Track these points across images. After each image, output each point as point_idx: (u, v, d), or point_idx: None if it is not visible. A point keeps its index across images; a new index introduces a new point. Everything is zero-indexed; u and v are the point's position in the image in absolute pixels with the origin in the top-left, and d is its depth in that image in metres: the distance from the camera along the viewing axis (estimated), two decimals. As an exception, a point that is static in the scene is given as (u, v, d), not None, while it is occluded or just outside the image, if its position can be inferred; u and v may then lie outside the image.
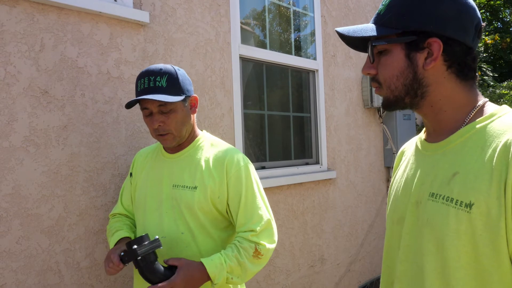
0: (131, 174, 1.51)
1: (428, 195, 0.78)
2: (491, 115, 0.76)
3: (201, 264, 1.21)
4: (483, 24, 0.80)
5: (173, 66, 1.34)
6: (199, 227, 1.32)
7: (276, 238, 1.34)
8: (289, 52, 2.75)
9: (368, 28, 0.82)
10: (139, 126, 1.78)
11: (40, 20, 1.49)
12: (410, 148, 0.95)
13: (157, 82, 1.27)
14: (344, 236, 3.02)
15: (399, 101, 0.83)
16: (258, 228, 1.28)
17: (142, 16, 1.76)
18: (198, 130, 1.45)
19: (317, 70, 2.83)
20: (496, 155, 0.69)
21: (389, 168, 3.53)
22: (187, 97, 1.34)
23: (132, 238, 1.40)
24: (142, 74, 1.31)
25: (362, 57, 3.27)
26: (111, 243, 1.40)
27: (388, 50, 0.81)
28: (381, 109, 3.41)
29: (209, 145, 1.40)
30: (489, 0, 8.78)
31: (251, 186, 1.33)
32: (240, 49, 2.26)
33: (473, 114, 0.79)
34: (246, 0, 2.45)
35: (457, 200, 0.72)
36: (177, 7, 1.95)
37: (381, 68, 0.83)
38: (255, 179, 1.36)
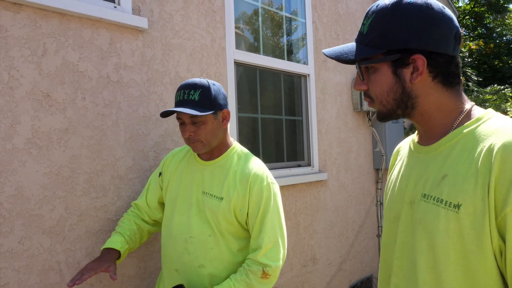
0: (160, 174, 1.61)
1: (421, 196, 0.84)
2: (478, 119, 0.82)
3: None
4: (462, 30, 0.85)
5: (209, 81, 1.44)
6: (221, 234, 1.43)
7: (282, 256, 1.41)
8: (282, 57, 2.82)
9: (354, 49, 0.87)
10: (137, 129, 1.82)
11: (42, 26, 1.53)
12: (404, 147, 1.01)
13: (191, 96, 1.39)
14: (335, 237, 3.10)
15: (392, 113, 0.88)
16: (264, 245, 1.37)
17: (141, 22, 1.81)
18: (230, 141, 1.55)
19: (308, 75, 2.91)
20: (481, 158, 0.75)
21: (378, 170, 3.62)
22: (218, 111, 1.43)
23: (124, 249, 1.51)
24: (180, 87, 1.44)
25: (352, 62, 3.35)
26: (106, 243, 1.51)
27: (375, 68, 0.86)
28: (375, 118, 3.50)
29: (239, 158, 1.49)
30: (474, 7, 9.01)
31: (268, 205, 1.41)
32: (234, 54, 2.32)
33: (461, 118, 0.84)
34: (240, 6, 2.51)
35: (446, 201, 0.78)
36: (174, 13, 2.00)
37: (371, 85, 0.88)
38: (275, 199, 1.44)
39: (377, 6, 0.86)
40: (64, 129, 1.58)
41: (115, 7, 1.76)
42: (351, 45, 0.89)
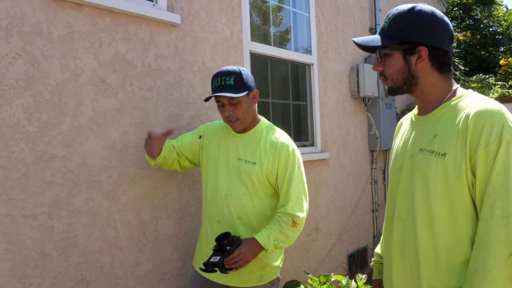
0: (200, 137, 1.91)
1: (419, 150, 1.18)
2: (460, 96, 1.17)
3: (254, 238, 1.65)
4: (454, 34, 1.20)
5: (239, 67, 1.76)
6: (254, 192, 1.75)
7: (306, 208, 1.73)
8: (289, 48, 3.13)
9: (376, 39, 1.21)
10: (172, 111, 2.13)
11: (99, 22, 1.82)
12: (406, 120, 1.35)
13: (227, 81, 1.69)
14: (335, 210, 3.45)
15: (399, 89, 1.23)
16: (291, 200, 1.69)
17: (175, 18, 2.10)
18: (258, 117, 1.86)
19: (312, 64, 3.22)
20: (461, 122, 1.10)
21: (373, 152, 3.97)
22: (250, 91, 1.75)
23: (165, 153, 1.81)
24: (216, 74, 1.74)
25: (349, 53, 3.68)
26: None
27: (390, 54, 1.20)
28: (370, 104, 3.83)
29: (267, 130, 1.81)
30: (462, -1, 9.37)
31: (294, 167, 1.74)
32: (250, 46, 2.62)
33: (448, 95, 1.19)
34: (254, 3, 2.80)
35: (436, 151, 1.12)
36: (200, 10, 2.29)
37: (386, 67, 1.21)
38: (298, 162, 1.78)
39: (396, 10, 1.19)
40: (116, 109, 1.88)
41: (153, 5, 2.04)
42: (374, 37, 1.23)
